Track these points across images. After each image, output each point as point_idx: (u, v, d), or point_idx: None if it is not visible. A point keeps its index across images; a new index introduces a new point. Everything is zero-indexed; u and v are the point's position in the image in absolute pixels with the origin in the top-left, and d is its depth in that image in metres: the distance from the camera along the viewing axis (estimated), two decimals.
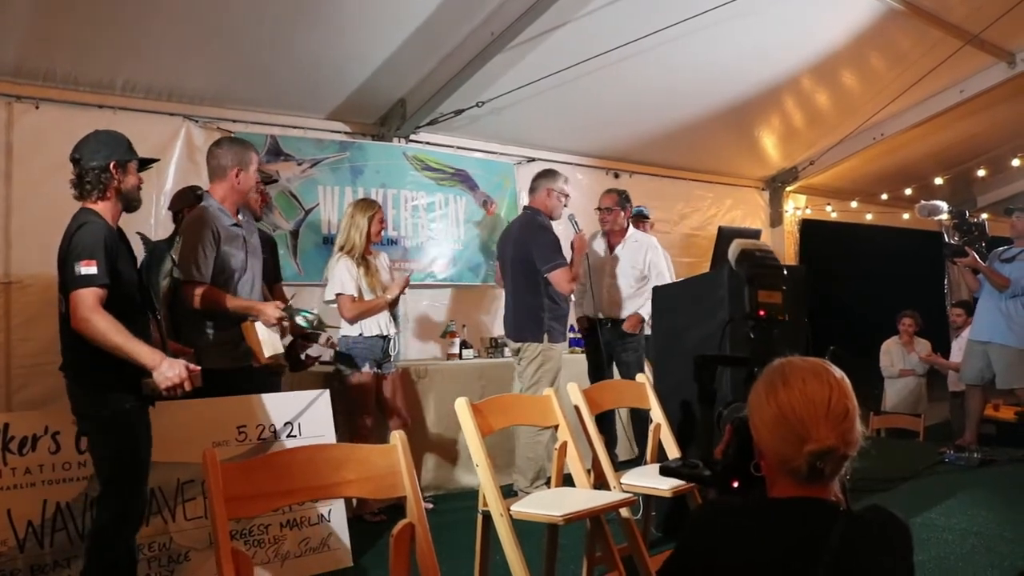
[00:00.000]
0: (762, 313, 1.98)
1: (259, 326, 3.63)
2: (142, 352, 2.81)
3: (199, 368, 2.93)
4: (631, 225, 5.82)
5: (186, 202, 4.33)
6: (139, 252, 3.28)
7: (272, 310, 3.68)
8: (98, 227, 2.84)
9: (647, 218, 6.51)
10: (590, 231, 6.56)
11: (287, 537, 3.82)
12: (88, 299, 2.75)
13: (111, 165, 2.94)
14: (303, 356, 4.48)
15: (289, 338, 4.00)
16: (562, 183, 5.18)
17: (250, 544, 3.70)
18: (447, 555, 3.80)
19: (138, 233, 3.65)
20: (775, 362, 1.68)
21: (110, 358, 2.80)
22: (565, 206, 5.23)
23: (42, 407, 4.28)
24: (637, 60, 5.51)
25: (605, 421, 5.55)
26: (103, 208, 2.94)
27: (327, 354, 4.87)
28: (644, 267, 5.69)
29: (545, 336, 4.96)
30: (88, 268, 2.75)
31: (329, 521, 3.95)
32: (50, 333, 3.60)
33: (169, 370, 2.81)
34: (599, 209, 5.76)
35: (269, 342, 3.63)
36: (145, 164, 3.15)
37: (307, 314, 3.81)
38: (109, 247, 2.84)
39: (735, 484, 1.75)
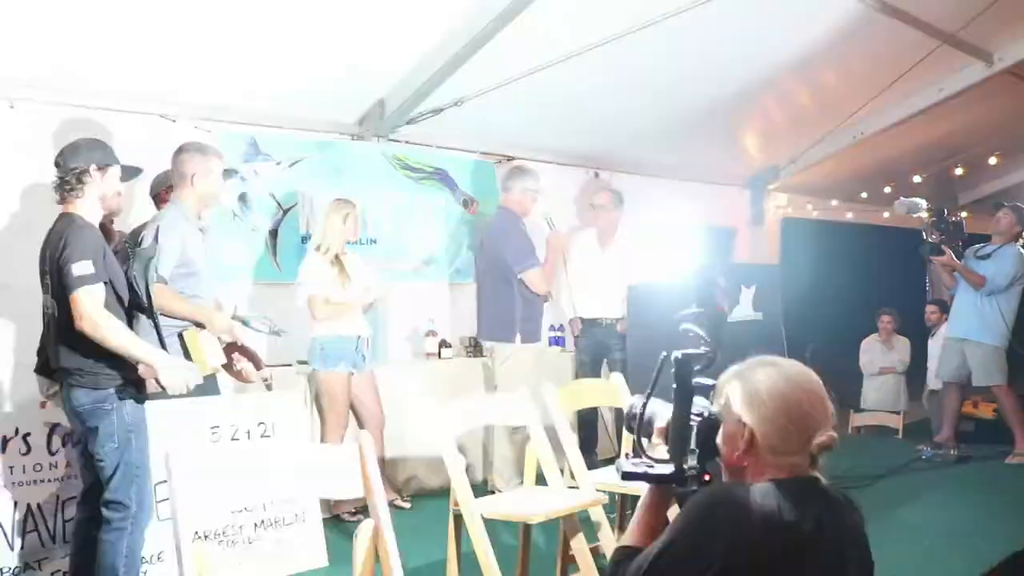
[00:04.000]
0: (721, 309, 1.97)
1: (204, 335, 3.59)
2: (147, 352, 2.89)
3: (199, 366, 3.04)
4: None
5: (163, 184, 4.24)
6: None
7: (222, 319, 3.70)
8: (89, 229, 2.92)
9: None
10: (570, 230, 6.59)
11: (262, 537, 3.80)
12: (90, 299, 2.80)
13: (91, 168, 2.98)
14: (238, 368, 4.40)
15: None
16: (535, 182, 5.19)
17: (224, 544, 3.69)
18: (422, 554, 3.82)
19: (122, 234, 3.65)
20: (756, 360, 1.74)
21: (107, 355, 2.86)
22: (535, 201, 5.23)
23: None
24: (619, 59, 5.51)
25: (587, 421, 5.56)
26: (84, 211, 2.98)
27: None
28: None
29: (517, 337, 4.96)
30: (85, 268, 2.80)
31: (304, 521, 3.94)
32: (25, 337, 3.60)
33: (174, 370, 2.88)
34: (592, 205, 5.74)
35: (214, 352, 3.60)
36: (129, 174, 3.21)
37: (259, 320, 3.80)
38: (103, 249, 2.92)
39: (707, 478, 1.75)
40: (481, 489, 4.99)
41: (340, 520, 4.54)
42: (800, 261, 8.86)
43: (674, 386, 1.80)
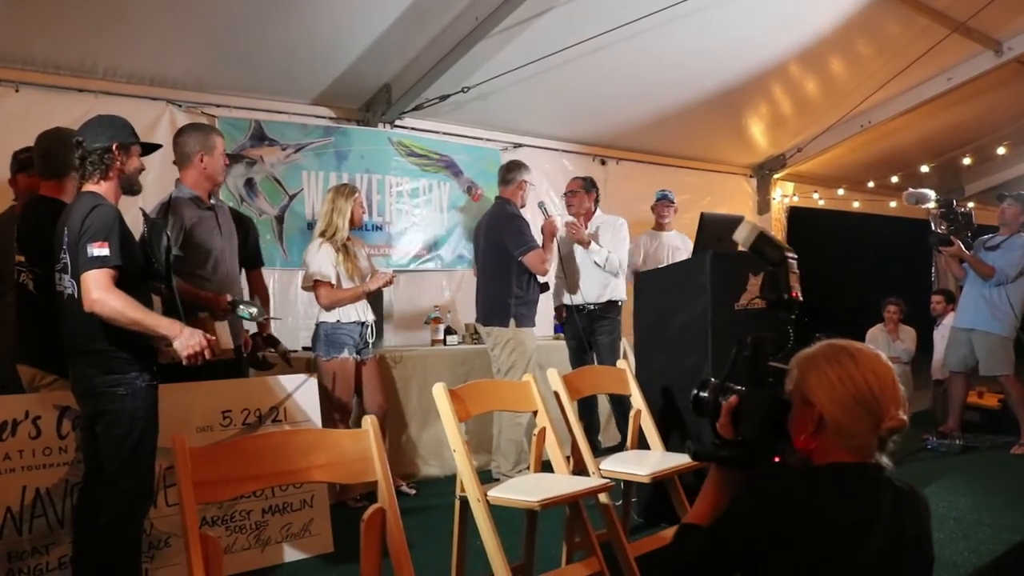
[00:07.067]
0: (796, 295, 2.03)
1: (207, 320, 3.60)
2: (161, 323, 2.87)
3: (216, 338, 3.00)
4: (598, 209, 5.75)
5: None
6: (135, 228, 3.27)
7: (221, 303, 3.72)
8: (110, 209, 2.89)
9: (672, 203, 6.44)
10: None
11: (269, 523, 3.83)
12: (101, 279, 2.78)
13: (114, 146, 2.97)
14: (261, 356, 4.43)
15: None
16: (531, 174, 5.38)
17: (231, 530, 3.71)
18: (428, 540, 3.84)
19: (140, 209, 3.65)
20: (827, 343, 1.75)
21: (124, 337, 2.85)
22: (529, 193, 5.37)
23: None
24: (624, 46, 5.50)
25: (586, 407, 5.56)
26: (106, 189, 2.97)
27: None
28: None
29: (512, 321, 5.07)
30: (101, 250, 2.78)
31: (311, 507, 3.96)
32: None
33: (190, 338, 2.86)
34: (564, 194, 5.78)
35: (222, 335, 3.61)
36: (148, 149, 3.21)
37: (250, 307, 3.78)
38: (122, 229, 2.89)
39: (776, 460, 1.80)
40: (487, 475, 5.00)
41: (346, 506, 4.55)
42: (806, 250, 8.83)
43: (749, 369, 1.86)
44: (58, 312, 3.00)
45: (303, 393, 4.05)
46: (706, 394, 1.92)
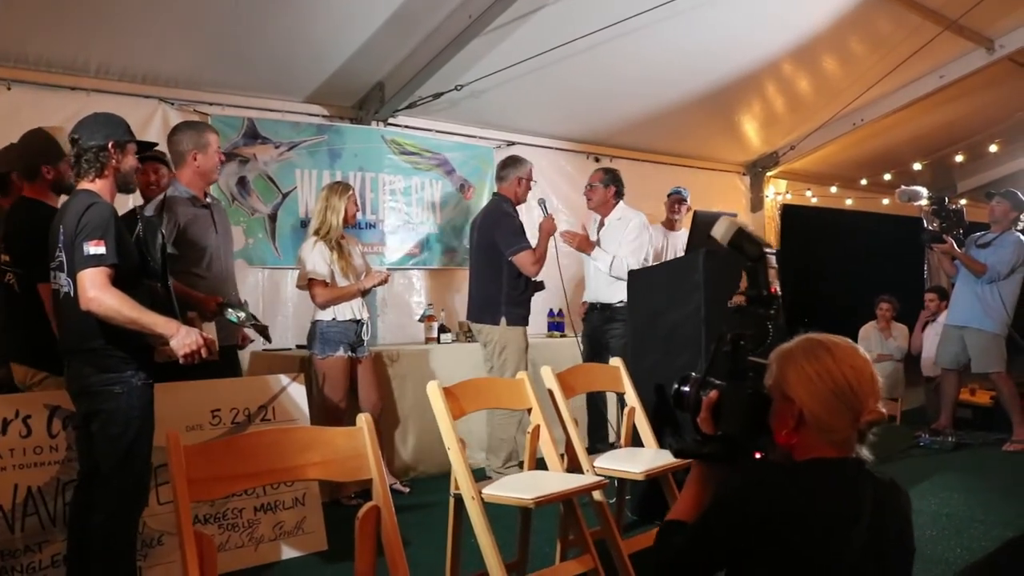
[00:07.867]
0: (775, 290, 2.01)
1: (196, 323, 3.59)
2: (157, 322, 2.85)
3: (213, 338, 2.98)
4: (620, 203, 5.55)
5: (11, 165, 3.89)
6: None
7: (210, 305, 3.72)
8: (105, 207, 2.88)
9: (684, 200, 6.46)
10: (572, 214, 6.60)
11: (261, 521, 3.82)
12: (97, 278, 2.77)
13: (109, 145, 2.96)
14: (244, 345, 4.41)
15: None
16: (529, 169, 5.30)
17: (224, 528, 3.71)
18: (423, 538, 3.83)
19: (135, 207, 3.63)
20: (805, 338, 1.76)
21: (120, 336, 2.84)
22: (529, 189, 5.32)
23: None
24: (617, 44, 5.50)
25: (596, 405, 5.53)
26: (101, 187, 2.96)
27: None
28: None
29: (503, 319, 5.06)
30: (97, 248, 2.77)
31: (303, 504, 3.96)
32: None
33: (187, 337, 2.85)
34: (586, 187, 5.71)
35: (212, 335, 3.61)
36: (143, 148, 3.20)
37: (238, 312, 3.75)
38: (118, 227, 2.88)
39: (758, 455, 1.80)
40: (481, 473, 5.00)
41: (340, 504, 4.56)
42: (799, 247, 8.86)
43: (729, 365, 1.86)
44: (55, 310, 3.00)
45: (291, 392, 4.06)
46: (687, 389, 1.91)
